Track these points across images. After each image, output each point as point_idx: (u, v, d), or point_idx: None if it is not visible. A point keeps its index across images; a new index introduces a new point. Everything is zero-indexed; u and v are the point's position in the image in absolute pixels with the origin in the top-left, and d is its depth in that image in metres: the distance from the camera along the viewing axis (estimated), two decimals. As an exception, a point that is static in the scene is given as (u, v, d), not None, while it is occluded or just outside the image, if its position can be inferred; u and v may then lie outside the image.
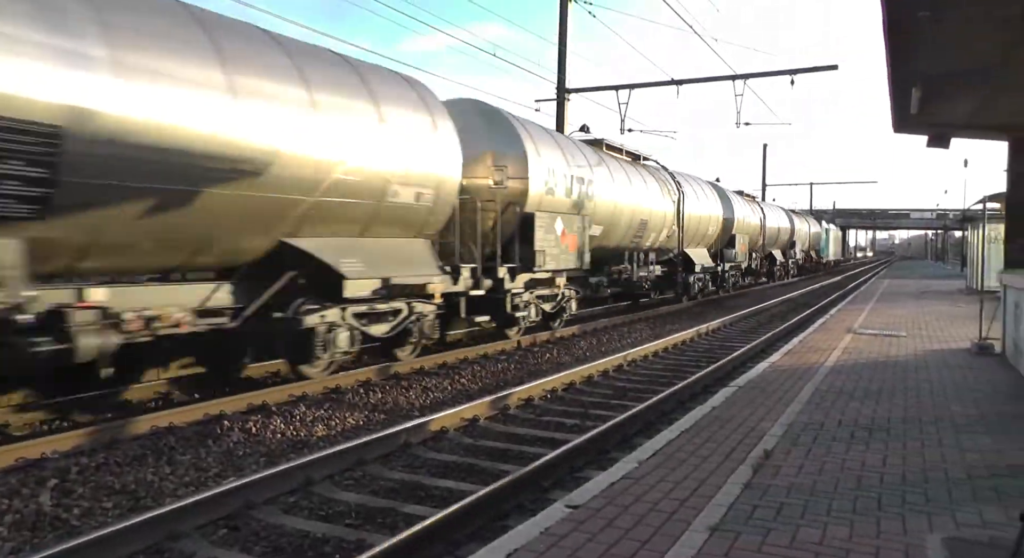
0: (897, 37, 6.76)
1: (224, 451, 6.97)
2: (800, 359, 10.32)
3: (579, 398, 9.66)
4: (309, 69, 9.18)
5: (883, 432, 6.30)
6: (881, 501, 4.59)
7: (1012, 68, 7.63)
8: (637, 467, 5.24)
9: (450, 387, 10.19)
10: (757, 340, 14.72)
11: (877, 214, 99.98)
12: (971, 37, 6.79)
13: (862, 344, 11.92)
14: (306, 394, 9.22)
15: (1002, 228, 13.71)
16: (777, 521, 4.23)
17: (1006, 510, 4.39)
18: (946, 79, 8.29)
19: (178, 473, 6.33)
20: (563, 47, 23.04)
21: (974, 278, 23.58)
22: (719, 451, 5.66)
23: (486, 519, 5.32)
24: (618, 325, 17.94)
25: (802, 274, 47.73)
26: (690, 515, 4.30)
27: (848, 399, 7.61)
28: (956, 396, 7.85)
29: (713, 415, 6.87)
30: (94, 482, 6.01)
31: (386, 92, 10.51)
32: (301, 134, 8.75)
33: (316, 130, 8.97)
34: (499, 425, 8.22)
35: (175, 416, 7.82)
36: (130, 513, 5.40)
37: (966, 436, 6.18)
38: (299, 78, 8.93)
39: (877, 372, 9.28)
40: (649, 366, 12.29)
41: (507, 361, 12.21)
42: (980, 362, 10.21)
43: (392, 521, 5.38)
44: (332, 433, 7.80)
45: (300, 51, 9.36)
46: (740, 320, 19.57)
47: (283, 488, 5.83)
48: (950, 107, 9.80)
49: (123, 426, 7.33)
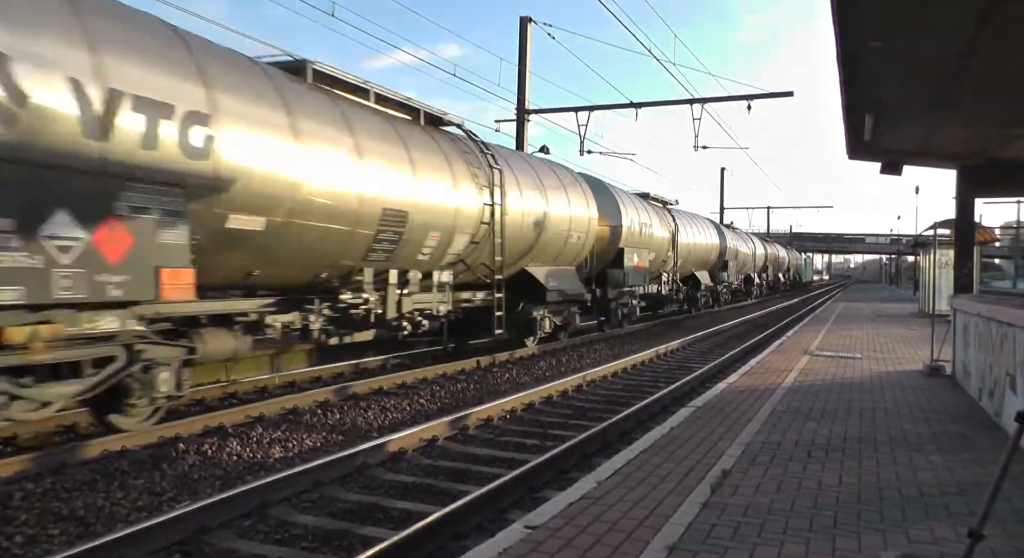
0: (850, 66, 6.93)
1: (179, 474, 6.83)
2: (758, 380, 10.44)
3: (539, 418, 9.65)
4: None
5: (839, 451, 6.39)
6: (837, 519, 4.65)
7: (956, 101, 7.87)
8: (596, 487, 5.24)
9: (409, 407, 10.12)
10: (716, 360, 14.87)
11: (833, 238, 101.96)
12: (918, 69, 7.00)
13: (818, 365, 12.10)
14: (263, 415, 9.10)
15: (952, 254, 14.08)
16: (735, 540, 4.26)
17: (955, 527, 4.47)
18: (897, 108, 8.52)
19: (130, 498, 6.18)
20: (523, 68, 23.23)
21: (926, 302, 24.11)
22: (677, 471, 5.69)
23: (444, 540, 5.27)
24: (578, 345, 17.98)
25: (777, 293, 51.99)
26: (648, 534, 4.31)
27: (805, 419, 7.71)
28: (909, 416, 7.99)
29: (672, 435, 6.91)
30: (39, 508, 5.84)
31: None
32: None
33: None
34: (458, 445, 8.17)
35: (128, 439, 7.64)
36: (78, 540, 5.25)
37: (918, 455, 6.30)
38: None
39: (833, 393, 9.42)
40: (609, 386, 12.33)
41: (466, 381, 12.17)
42: (932, 383, 10.42)
43: (349, 543, 5.30)
44: (289, 455, 7.69)
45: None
46: (700, 340, 19.76)
47: (238, 511, 5.73)
48: (901, 135, 10.05)
49: (72, 450, 7.15)
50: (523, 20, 23.07)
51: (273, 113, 8.73)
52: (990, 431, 7.26)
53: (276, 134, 8.68)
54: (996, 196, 13.56)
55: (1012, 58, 6.36)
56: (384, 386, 11.29)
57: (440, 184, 11.82)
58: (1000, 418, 7.45)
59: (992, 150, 10.39)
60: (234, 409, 9.13)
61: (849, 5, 5.51)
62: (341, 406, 9.92)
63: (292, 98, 9.15)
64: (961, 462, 6.08)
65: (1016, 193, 13.59)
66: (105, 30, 7.02)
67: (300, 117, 9.09)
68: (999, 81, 7.10)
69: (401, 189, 10.82)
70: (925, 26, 5.78)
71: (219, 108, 7.98)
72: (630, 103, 23.98)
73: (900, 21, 5.73)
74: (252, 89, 8.60)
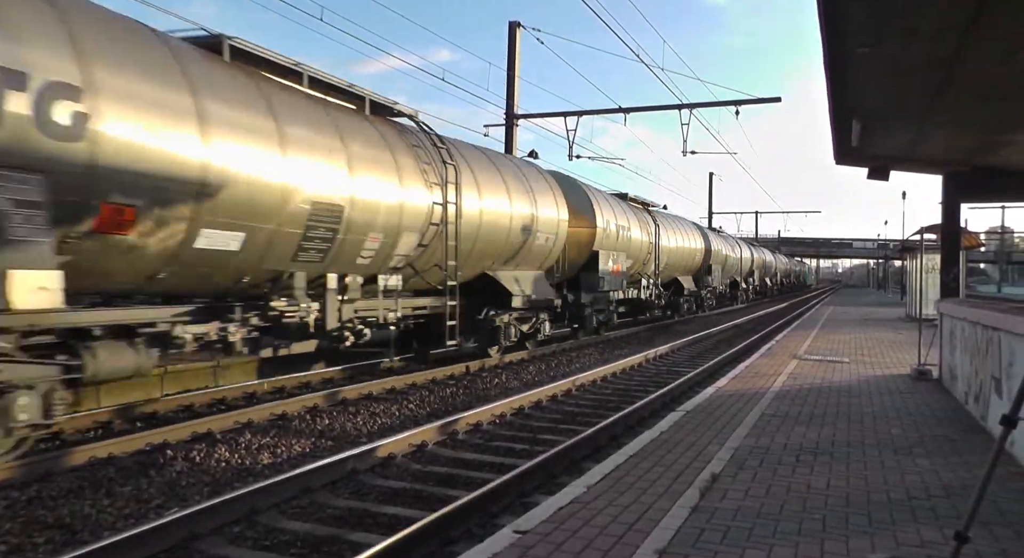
0: (837, 71, 6.99)
1: (167, 481, 6.79)
2: (747, 384, 10.47)
3: (528, 423, 9.65)
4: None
5: (827, 455, 6.42)
6: (826, 522, 4.67)
7: (943, 107, 7.94)
8: (585, 491, 5.25)
9: (398, 412, 10.10)
10: (705, 365, 14.90)
11: (821, 243, 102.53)
12: (905, 75, 7.06)
13: (807, 369, 12.15)
14: (252, 421, 9.05)
15: (939, 258, 14.18)
16: (724, 544, 4.27)
17: (942, 530, 4.50)
18: (884, 114, 8.59)
19: (117, 505, 6.14)
20: (512, 74, 23.29)
21: (913, 306, 24.26)
22: (667, 475, 5.70)
23: (434, 545, 5.27)
24: (567, 350, 18.00)
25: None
26: (638, 539, 4.31)
27: (793, 423, 7.74)
28: (896, 420, 8.04)
29: (661, 439, 6.92)
30: (24, 517, 5.79)
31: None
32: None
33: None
34: (447, 450, 8.16)
35: (115, 446, 7.59)
36: (64, 548, 5.22)
37: (906, 458, 6.33)
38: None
39: (821, 397, 9.46)
40: (598, 390, 12.34)
41: (455, 386, 12.16)
42: (919, 387, 10.48)
43: (338, 549, 5.29)
44: (278, 461, 7.66)
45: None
46: (688, 345, 19.81)
47: (227, 518, 5.70)
48: (888, 141, 10.13)
49: (58, 458, 7.09)
50: (512, 25, 23.12)
51: (172, 92, 7.50)
52: (976, 434, 7.30)
53: (175, 116, 7.46)
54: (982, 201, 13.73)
55: (998, 65, 6.42)
56: (374, 391, 11.26)
57: (382, 180, 10.62)
58: (986, 421, 7.50)
59: (978, 156, 10.48)
60: (222, 415, 9.08)
61: (836, 11, 5.56)
62: (330, 411, 9.89)
63: (200, 76, 7.95)
64: (948, 465, 6.11)
65: (1001, 199, 13.76)
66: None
67: (209, 99, 7.91)
68: (985, 88, 7.17)
69: (335, 184, 9.64)
70: (912, 33, 5.83)
71: (96, 82, 6.71)
72: (619, 108, 24.09)
73: (887, 27, 5.78)
74: (146, 62, 7.35)
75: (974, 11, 5.23)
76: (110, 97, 6.82)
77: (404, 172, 11.21)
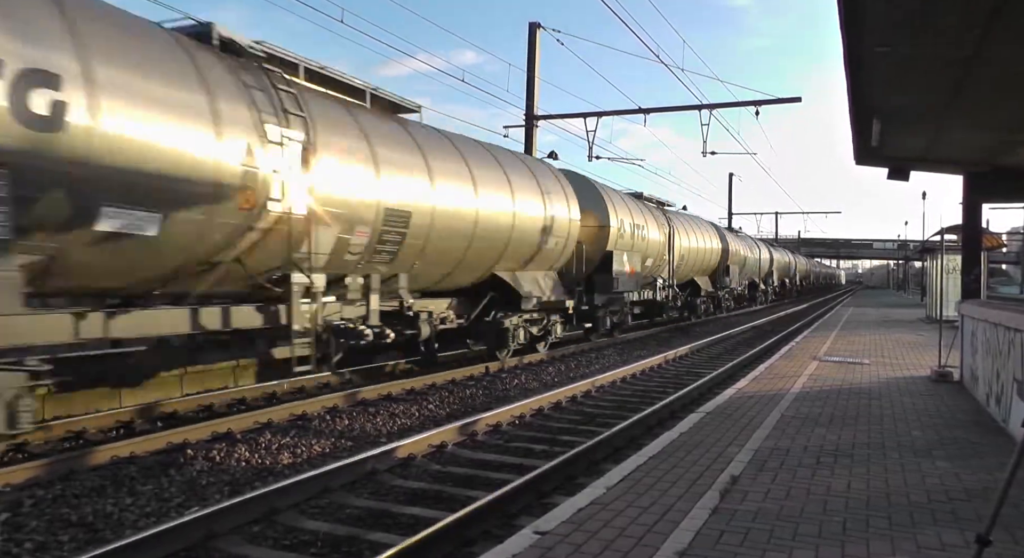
0: (857, 71, 6.94)
1: (187, 480, 6.86)
2: (767, 385, 10.42)
3: (547, 424, 9.65)
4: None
5: (847, 457, 6.38)
6: (846, 525, 4.64)
7: (963, 106, 7.87)
8: (605, 493, 5.25)
9: (417, 413, 10.13)
10: (724, 366, 14.85)
11: (841, 244, 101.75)
12: (924, 74, 7.00)
13: (827, 371, 12.08)
14: (272, 421, 9.12)
15: (959, 259, 14.04)
16: (744, 546, 4.26)
17: (963, 533, 4.47)
18: (903, 114, 8.52)
19: (139, 504, 6.21)
20: (532, 75, 23.28)
21: (933, 307, 24.03)
22: (687, 476, 5.69)
23: (453, 546, 5.28)
24: (586, 351, 17.98)
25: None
26: (658, 540, 4.31)
27: (813, 425, 7.70)
28: (917, 422, 7.97)
29: (681, 441, 6.90)
30: (49, 515, 5.87)
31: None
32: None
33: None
34: (467, 451, 8.18)
35: (137, 445, 7.68)
36: (88, 546, 5.28)
37: (926, 461, 6.28)
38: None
39: (841, 399, 9.40)
40: (617, 391, 12.33)
41: (475, 387, 12.18)
42: (939, 389, 10.39)
43: (357, 549, 5.32)
44: (298, 461, 7.71)
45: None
46: (707, 346, 19.73)
47: (247, 517, 5.74)
48: (908, 141, 10.04)
49: (81, 457, 7.18)
50: (532, 26, 23.11)
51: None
52: (998, 437, 7.24)
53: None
54: (1003, 202, 13.59)
55: (1018, 63, 6.36)
56: (393, 392, 11.30)
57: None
58: (1008, 424, 7.42)
59: (999, 156, 10.37)
60: (242, 415, 9.16)
61: (856, 11, 5.53)
62: (350, 412, 9.94)
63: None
64: (969, 468, 6.06)
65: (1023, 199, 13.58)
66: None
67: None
68: (1006, 86, 7.10)
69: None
70: (931, 31, 5.79)
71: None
72: (638, 109, 24.02)
73: (906, 26, 5.74)
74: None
75: (993, 9, 5.19)
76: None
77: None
